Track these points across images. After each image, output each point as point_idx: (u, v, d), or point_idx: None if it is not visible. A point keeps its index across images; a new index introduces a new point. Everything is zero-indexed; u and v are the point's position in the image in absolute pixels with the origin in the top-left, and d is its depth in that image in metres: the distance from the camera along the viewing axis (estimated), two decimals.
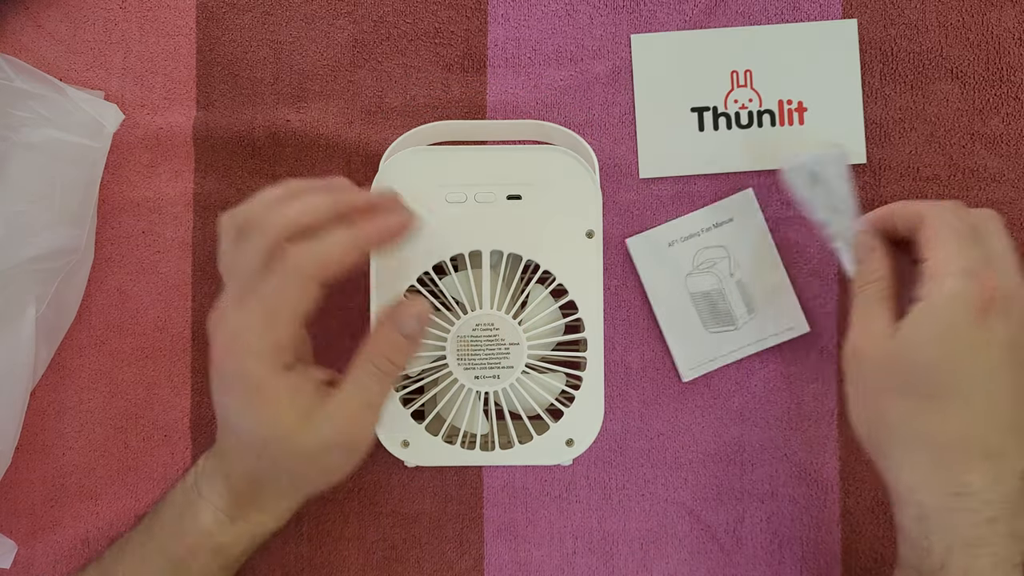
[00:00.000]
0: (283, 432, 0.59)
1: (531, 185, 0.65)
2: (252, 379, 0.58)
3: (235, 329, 0.58)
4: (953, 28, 0.76)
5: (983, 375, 0.58)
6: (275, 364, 0.58)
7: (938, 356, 0.58)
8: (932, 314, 0.58)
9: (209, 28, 0.77)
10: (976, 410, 0.58)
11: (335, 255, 0.57)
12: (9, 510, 0.77)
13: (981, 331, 0.57)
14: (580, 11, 0.77)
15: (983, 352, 0.58)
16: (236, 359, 0.58)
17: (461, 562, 0.77)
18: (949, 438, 0.59)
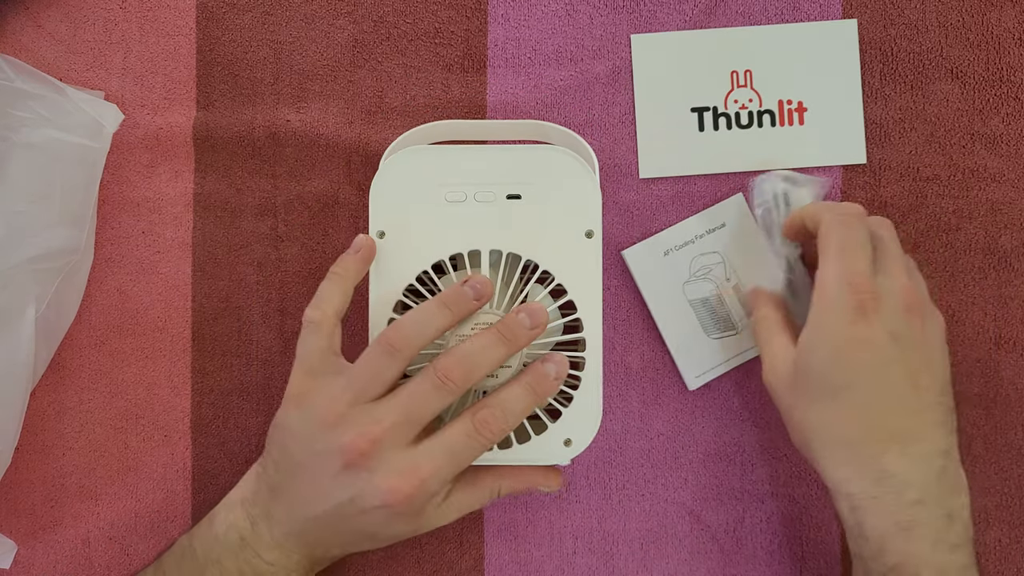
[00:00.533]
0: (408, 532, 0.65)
1: (531, 185, 0.65)
2: (425, 518, 0.64)
3: (424, 481, 0.61)
4: (953, 28, 0.76)
5: (871, 369, 0.62)
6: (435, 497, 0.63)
7: (828, 359, 0.63)
8: (817, 322, 0.63)
9: (209, 28, 0.78)
10: (872, 401, 0.62)
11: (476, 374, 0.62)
12: (9, 510, 0.77)
13: (861, 329, 0.61)
14: (580, 11, 0.77)
15: (867, 348, 0.62)
16: (420, 501, 0.62)
17: (461, 562, 0.77)
18: (857, 430, 0.63)
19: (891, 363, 0.62)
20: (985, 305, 0.76)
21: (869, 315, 0.61)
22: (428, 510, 0.63)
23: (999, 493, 0.76)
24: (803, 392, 0.64)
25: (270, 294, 0.77)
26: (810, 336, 0.63)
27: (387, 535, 0.65)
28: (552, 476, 0.68)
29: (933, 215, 0.76)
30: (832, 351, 0.62)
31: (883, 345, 0.62)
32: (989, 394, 0.76)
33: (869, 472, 0.62)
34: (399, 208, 0.66)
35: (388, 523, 0.63)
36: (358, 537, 0.65)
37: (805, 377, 0.64)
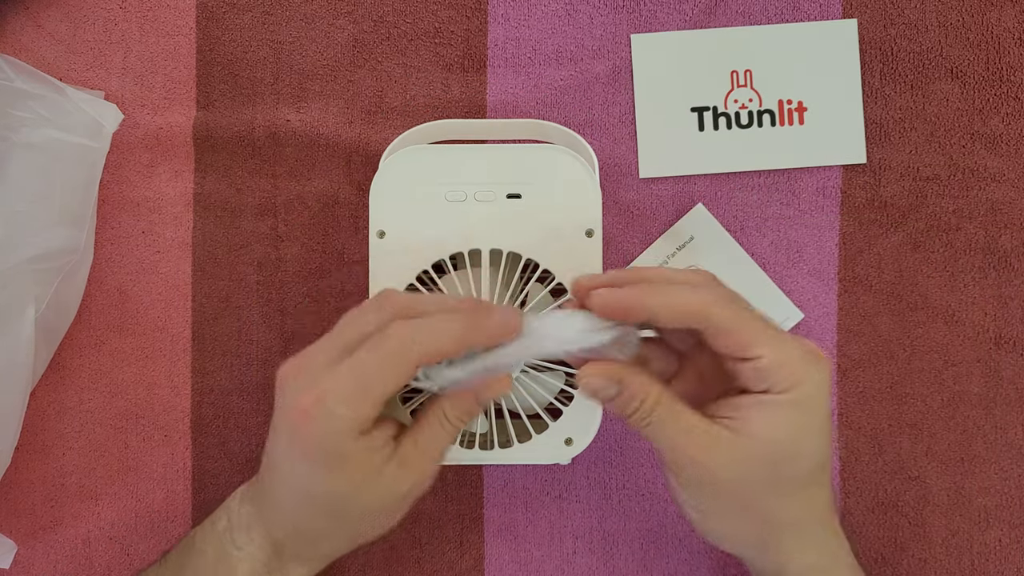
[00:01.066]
0: (353, 491, 0.58)
1: (531, 184, 0.65)
2: (333, 448, 0.56)
3: (323, 393, 0.55)
4: (953, 28, 0.76)
5: (829, 442, 0.59)
6: (355, 433, 0.56)
7: (815, 443, 0.57)
8: (806, 407, 0.56)
9: (209, 28, 0.78)
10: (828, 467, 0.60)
11: (440, 343, 0.56)
12: (9, 510, 0.77)
13: (828, 407, 0.58)
14: (580, 11, 0.77)
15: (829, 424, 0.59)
16: (319, 425, 0.56)
17: (461, 562, 0.77)
18: (827, 509, 0.61)
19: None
20: (985, 305, 0.76)
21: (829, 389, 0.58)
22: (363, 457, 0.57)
23: (999, 493, 0.76)
24: (774, 481, 0.57)
25: (270, 294, 0.77)
26: (799, 418, 0.56)
27: (324, 495, 0.59)
28: (504, 381, 0.59)
29: (933, 215, 0.76)
30: (824, 433, 0.58)
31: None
32: (989, 394, 0.76)
33: (831, 543, 0.62)
34: (399, 207, 0.66)
35: (312, 470, 0.58)
36: (298, 501, 0.60)
37: (786, 463, 0.57)
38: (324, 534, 0.62)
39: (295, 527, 0.62)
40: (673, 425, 0.57)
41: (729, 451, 0.55)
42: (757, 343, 0.54)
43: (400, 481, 0.59)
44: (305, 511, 0.61)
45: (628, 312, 0.55)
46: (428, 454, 0.60)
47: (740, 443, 0.55)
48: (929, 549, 0.77)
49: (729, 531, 0.61)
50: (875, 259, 0.76)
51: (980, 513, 0.76)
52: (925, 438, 0.77)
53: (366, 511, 0.60)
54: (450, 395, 0.59)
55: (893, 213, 0.76)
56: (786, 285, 0.76)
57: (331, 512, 0.60)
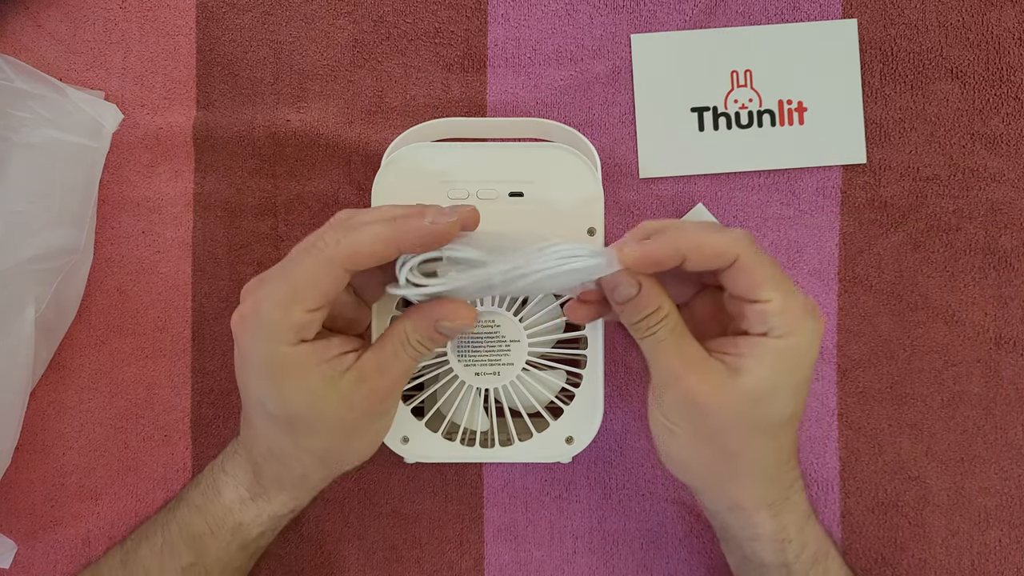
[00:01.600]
0: (307, 401, 0.58)
1: (533, 182, 0.65)
2: (270, 353, 0.56)
3: (257, 300, 0.57)
4: (953, 28, 0.76)
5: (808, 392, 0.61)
6: (292, 339, 0.56)
7: (798, 394, 0.59)
8: (797, 355, 0.57)
9: (209, 28, 0.78)
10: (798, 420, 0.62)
11: (364, 244, 0.56)
12: (9, 510, 0.77)
13: (815, 355, 0.59)
14: (580, 11, 0.77)
15: (813, 373, 0.61)
16: (254, 331, 0.57)
17: (461, 562, 0.77)
18: (789, 451, 0.62)
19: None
20: (985, 305, 0.76)
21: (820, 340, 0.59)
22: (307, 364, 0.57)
23: (999, 493, 0.76)
24: (752, 420, 0.58)
25: None
26: (787, 365, 0.57)
27: (276, 405, 0.58)
28: (461, 309, 0.58)
29: (933, 215, 0.76)
30: (805, 383, 0.59)
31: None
32: (989, 394, 0.76)
33: (788, 480, 0.63)
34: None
35: (259, 380, 0.58)
36: (260, 417, 0.61)
37: (767, 407, 0.58)
38: (291, 454, 0.62)
39: (267, 447, 0.62)
40: (674, 344, 0.58)
41: (718, 383, 0.57)
42: (768, 287, 0.56)
43: (358, 395, 0.58)
44: (268, 427, 0.61)
45: (663, 261, 0.56)
46: (388, 373, 0.59)
47: (730, 377, 0.57)
48: (929, 549, 0.77)
49: (694, 458, 0.61)
50: (875, 259, 0.76)
51: (980, 513, 0.76)
52: (925, 438, 0.77)
53: (327, 428, 0.60)
54: (413, 316, 0.59)
55: (893, 213, 0.76)
56: None
57: (291, 426, 0.60)
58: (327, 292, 0.56)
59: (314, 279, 0.56)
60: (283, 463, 0.62)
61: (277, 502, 0.65)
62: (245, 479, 0.64)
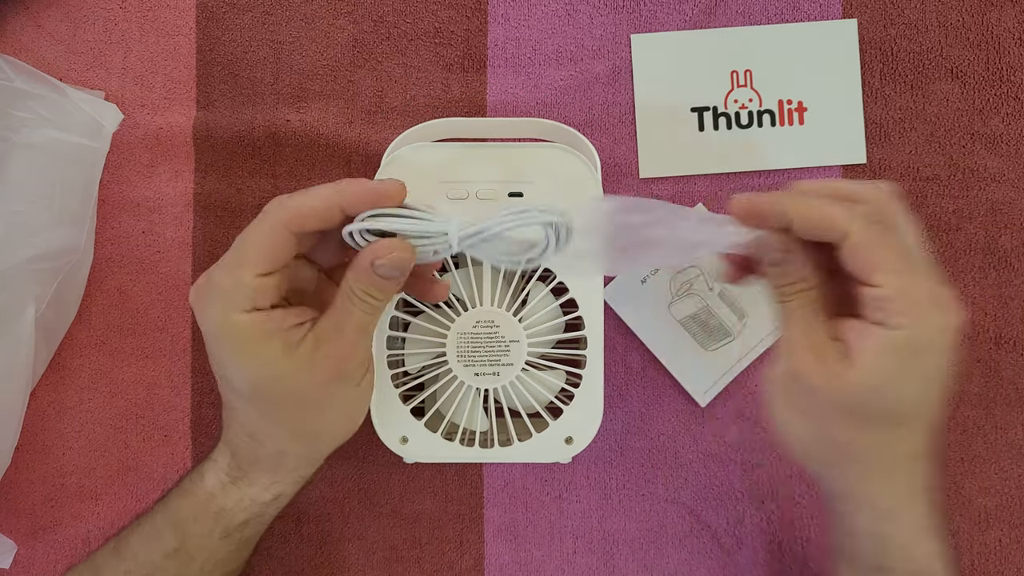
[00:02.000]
0: (266, 371, 0.57)
1: (533, 182, 0.65)
2: (224, 321, 0.56)
3: (207, 273, 0.57)
4: (953, 28, 0.76)
5: (940, 396, 0.56)
6: (243, 306, 0.55)
7: (918, 391, 0.55)
8: (914, 349, 0.53)
9: (209, 28, 0.78)
10: (931, 423, 0.58)
11: (308, 204, 0.56)
12: (9, 510, 0.77)
13: (947, 359, 0.55)
14: (580, 11, 0.77)
15: (945, 377, 0.56)
16: (205, 302, 0.57)
17: (461, 562, 0.77)
18: (913, 451, 0.58)
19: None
20: (985, 305, 0.76)
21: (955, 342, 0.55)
22: (263, 332, 0.56)
23: (999, 493, 0.76)
24: (861, 412, 0.55)
25: None
26: (900, 359, 0.53)
27: (239, 377, 0.58)
28: (395, 243, 0.56)
29: (933, 215, 0.76)
30: (925, 382, 0.55)
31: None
32: (989, 394, 0.76)
33: (907, 485, 0.58)
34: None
35: (220, 351, 0.58)
36: (229, 393, 0.61)
37: (877, 401, 0.55)
38: (262, 429, 0.61)
39: (239, 425, 0.62)
40: (802, 318, 0.56)
41: (829, 367, 0.54)
42: (883, 270, 0.53)
43: (317, 359, 0.57)
44: (237, 403, 0.61)
45: (764, 216, 0.54)
46: (343, 331, 0.58)
47: (841, 364, 0.54)
48: None
49: (808, 441, 0.58)
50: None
51: (980, 513, 0.76)
52: None
53: (292, 398, 0.59)
54: (352, 266, 0.57)
55: None
56: None
57: (255, 398, 0.59)
58: (274, 255, 0.56)
59: (260, 242, 0.56)
60: (256, 440, 0.62)
61: (258, 485, 0.64)
62: (224, 462, 0.63)
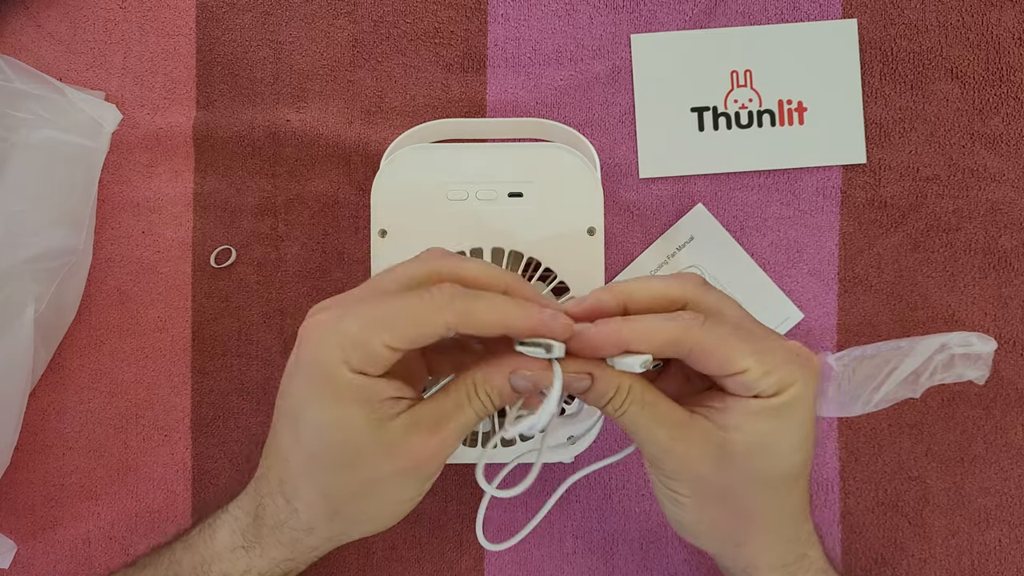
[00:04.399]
0: (348, 435, 0.53)
1: (532, 183, 0.65)
2: (326, 366, 0.52)
3: (343, 312, 0.53)
4: (953, 28, 0.76)
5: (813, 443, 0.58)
6: (355, 364, 0.52)
7: (805, 442, 0.56)
8: (792, 409, 0.54)
9: (209, 28, 0.77)
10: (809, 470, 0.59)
11: (480, 313, 0.52)
12: (9, 510, 0.77)
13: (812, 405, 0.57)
14: (580, 11, 0.77)
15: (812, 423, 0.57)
16: (319, 340, 0.53)
17: (461, 562, 0.77)
18: (800, 504, 0.59)
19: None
20: (985, 305, 0.76)
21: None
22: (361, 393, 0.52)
23: (999, 493, 0.76)
24: (762, 476, 0.56)
25: (270, 294, 0.77)
26: (791, 421, 0.54)
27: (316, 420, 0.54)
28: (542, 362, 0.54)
29: (933, 215, 0.76)
30: (806, 429, 0.55)
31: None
32: (989, 394, 0.76)
33: (799, 539, 0.60)
34: (401, 207, 0.66)
35: (305, 387, 0.54)
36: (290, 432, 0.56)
37: (776, 462, 0.56)
38: (305, 498, 0.57)
39: (281, 482, 0.57)
40: (649, 414, 0.54)
41: (709, 444, 0.54)
42: (739, 358, 0.53)
43: (404, 444, 0.53)
44: (293, 455, 0.56)
45: (607, 349, 0.53)
46: (444, 426, 0.54)
47: (719, 435, 0.54)
48: (929, 549, 0.77)
49: (704, 524, 0.59)
50: (875, 259, 0.76)
51: (980, 513, 0.76)
52: (925, 438, 0.77)
53: (356, 478, 0.55)
54: (484, 365, 0.54)
55: (893, 213, 0.76)
56: (786, 285, 0.77)
57: (318, 461, 0.55)
58: (417, 338, 0.52)
59: (413, 319, 0.52)
60: (291, 506, 0.57)
61: (268, 558, 0.60)
62: (244, 521, 0.60)
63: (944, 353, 0.61)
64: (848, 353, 0.59)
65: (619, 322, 0.54)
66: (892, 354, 0.59)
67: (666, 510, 0.60)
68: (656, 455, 0.56)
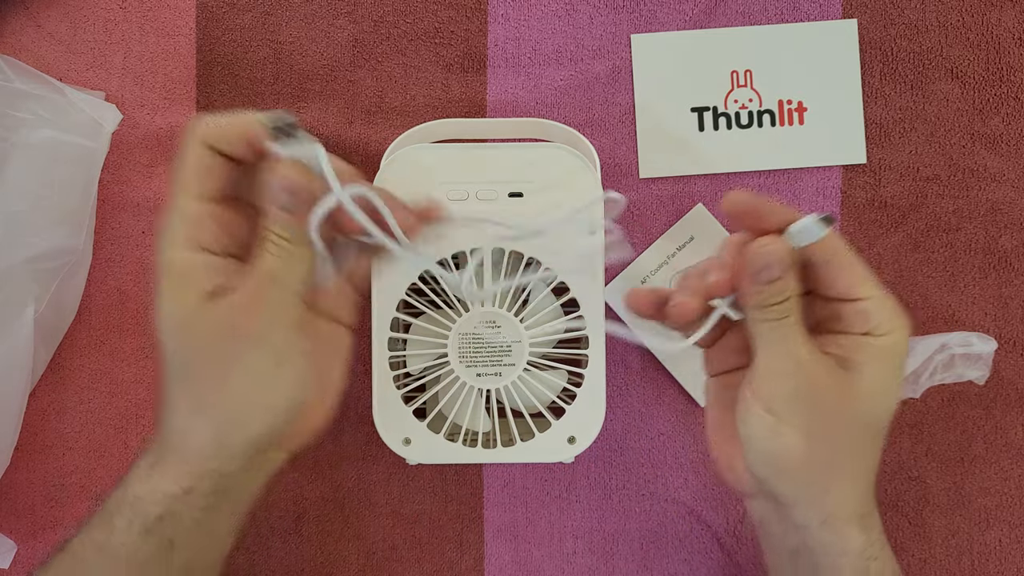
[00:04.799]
0: (181, 315, 0.54)
1: (532, 183, 0.65)
2: (162, 256, 0.54)
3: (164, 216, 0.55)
4: (953, 28, 0.76)
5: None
6: (184, 238, 0.53)
7: (896, 395, 0.57)
8: (899, 353, 0.56)
9: (209, 28, 0.77)
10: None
11: (228, 121, 0.54)
12: (9, 510, 0.77)
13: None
14: (580, 11, 0.77)
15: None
16: (158, 240, 0.54)
17: (461, 562, 0.77)
18: (878, 459, 0.59)
19: None
20: (985, 305, 0.76)
21: None
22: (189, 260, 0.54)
23: (999, 493, 0.76)
24: (863, 421, 0.57)
25: None
26: (894, 366, 0.56)
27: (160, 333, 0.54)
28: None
29: (933, 215, 0.76)
30: (899, 384, 0.57)
31: None
32: (989, 394, 0.76)
33: (872, 492, 0.59)
34: None
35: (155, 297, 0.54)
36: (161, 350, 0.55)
37: (879, 409, 0.57)
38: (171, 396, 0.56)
39: (164, 396, 0.56)
40: (800, 332, 0.55)
41: (838, 378, 0.55)
42: (866, 284, 0.55)
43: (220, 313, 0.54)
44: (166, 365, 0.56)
45: (762, 217, 0.55)
46: (250, 281, 0.54)
47: (846, 374, 0.55)
48: (929, 549, 0.77)
49: (800, 462, 0.57)
50: (875, 259, 0.76)
51: (980, 513, 0.77)
52: (925, 438, 0.77)
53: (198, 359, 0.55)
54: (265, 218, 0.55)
55: (893, 213, 0.76)
56: None
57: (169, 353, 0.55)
58: (202, 180, 0.54)
59: (187, 168, 0.54)
60: (169, 410, 0.56)
61: (169, 476, 0.56)
62: (153, 444, 0.58)
63: (944, 353, 0.62)
64: None
65: (785, 208, 0.55)
66: None
67: (755, 443, 0.58)
68: (784, 371, 0.55)
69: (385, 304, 0.66)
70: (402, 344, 0.68)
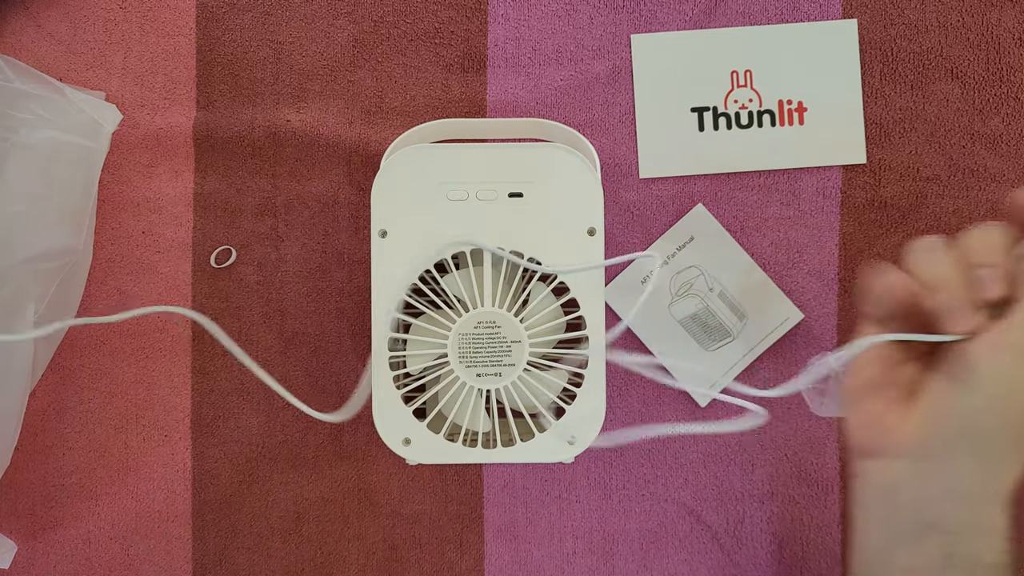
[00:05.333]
0: None
1: (532, 183, 0.65)
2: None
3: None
4: (953, 28, 0.76)
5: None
6: None
7: None
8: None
9: (209, 28, 0.77)
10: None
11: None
12: (9, 510, 0.77)
13: None
14: (580, 11, 0.77)
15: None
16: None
17: (461, 562, 0.77)
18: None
19: None
20: None
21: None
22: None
23: None
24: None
25: (270, 294, 0.77)
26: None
27: None
28: None
29: (933, 215, 0.76)
30: None
31: None
32: None
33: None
34: (401, 207, 0.65)
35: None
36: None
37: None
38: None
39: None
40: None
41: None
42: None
43: None
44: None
45: None
46: None
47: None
48: None
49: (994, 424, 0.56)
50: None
51: None
52: None
53: None
54: None
55: (893, 213, 0.76)
56: (786, 285, 0.77)
57: None
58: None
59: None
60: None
61: None
62: None
63: None
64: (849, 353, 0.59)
65: None
66: None
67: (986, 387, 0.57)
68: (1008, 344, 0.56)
69: (385, 305, 0.66)
70: (402, 344, 0.68)
